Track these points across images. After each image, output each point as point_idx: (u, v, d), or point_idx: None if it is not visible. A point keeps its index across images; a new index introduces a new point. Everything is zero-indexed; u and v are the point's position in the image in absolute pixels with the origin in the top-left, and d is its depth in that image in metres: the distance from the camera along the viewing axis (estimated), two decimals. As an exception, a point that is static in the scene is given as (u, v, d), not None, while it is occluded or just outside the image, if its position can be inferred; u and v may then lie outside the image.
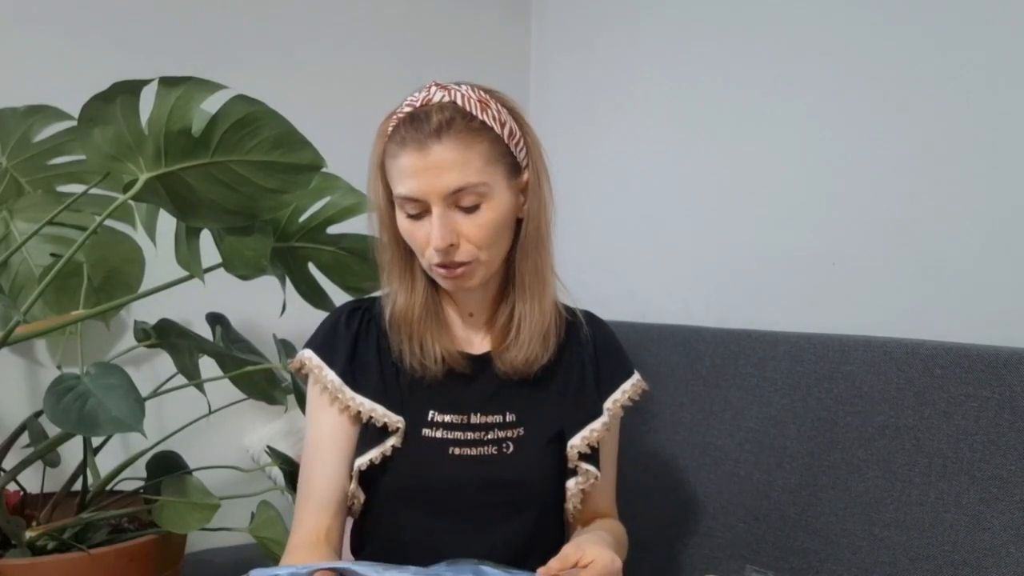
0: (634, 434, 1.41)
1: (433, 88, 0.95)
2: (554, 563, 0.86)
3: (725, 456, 1.29)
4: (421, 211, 0.93)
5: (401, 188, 0.93)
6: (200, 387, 1.29)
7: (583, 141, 1.89)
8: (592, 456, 1.03)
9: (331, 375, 1.00)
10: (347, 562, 0.85)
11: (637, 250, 1.74)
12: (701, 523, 1.29)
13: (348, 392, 0.99)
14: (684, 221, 1.63)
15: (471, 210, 0.92)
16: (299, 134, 1.10)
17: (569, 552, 0.87)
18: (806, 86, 1.39)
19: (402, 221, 0.96)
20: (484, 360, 1.03)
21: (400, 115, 0.95)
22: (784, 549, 1.16)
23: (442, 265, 0.94)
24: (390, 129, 0.95)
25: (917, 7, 1.22)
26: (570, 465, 1.03)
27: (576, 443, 1.01)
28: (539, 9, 2.06)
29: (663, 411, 1.41)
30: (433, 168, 0.90)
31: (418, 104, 0.94)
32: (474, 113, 0.93)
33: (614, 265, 1.80)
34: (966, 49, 1.16)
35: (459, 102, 0.93)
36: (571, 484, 1.03)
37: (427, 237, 0.93)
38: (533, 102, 2.05)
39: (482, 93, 0.96)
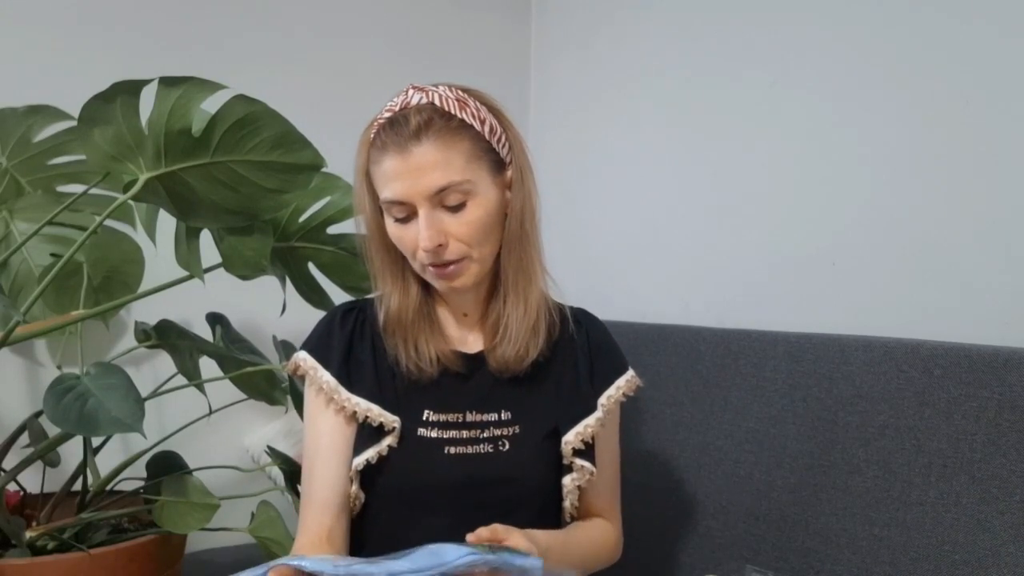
0: (634, 434, 1.41)
1: (411, 91, 0.96)
2: (484, 531, 0.84)
3: (725, 456, 1.29)
4: (408, 214, 0.94)
5: (386, 192, 0.93)
6: (200, 387, 1.29)
7: (583, 140, 1.89)
8: (587, 452, 1.03)
9: (326, 376, 0.99)
10: (299, 556, 0.83)
11: (637, 250, 1.74)
12: (701, 523, 1.28)
13: (344, 393, 0.99)
14: (684, 221, 1.63)
15: (457, 209, 0.93)
16: (299, 134, 1.11)
17: (498, 528, 0.85)
18: (806, 86, 1.39)
19: (390, 226, 0.96)
20: (478, 359, 1.03)
21: (380, 121, 0.95)
22: (784, 549, 1.16)
23: (433, 265, 0.95)
24: (371, 136, 0.96)
25: (917, 7, 1.22)
26: (565, 461, 1.03)
27: (570, 438, 1.01)
28: (539, 9, 2.06)
29: (663, 411, 1.41)
30: (415, 170, 0.91)
31: (397, 108, 0.94)
32: (452, 112, 0.93)
33: (614, 265, 1.80)
34: (966, 49, 1.16)
35: (437, 103, 0.94)
36: (567, 481, 1.03)
37: (416, 240, 0.93)
38: (533, 102, 2.04)
39: (460, 92, 0.96)
